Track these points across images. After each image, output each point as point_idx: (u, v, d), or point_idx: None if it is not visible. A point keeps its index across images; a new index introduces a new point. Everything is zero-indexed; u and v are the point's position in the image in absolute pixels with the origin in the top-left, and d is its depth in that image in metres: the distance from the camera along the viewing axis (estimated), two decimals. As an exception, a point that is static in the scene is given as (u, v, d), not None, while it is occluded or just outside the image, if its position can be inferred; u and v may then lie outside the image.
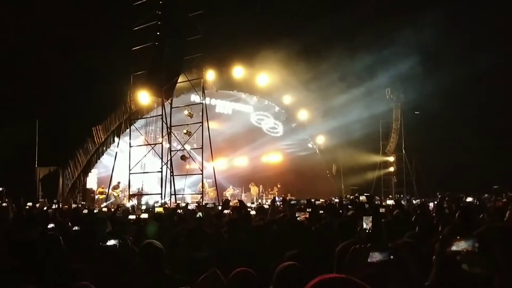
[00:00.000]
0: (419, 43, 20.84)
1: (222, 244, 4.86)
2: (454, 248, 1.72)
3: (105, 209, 13.29)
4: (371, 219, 4.94)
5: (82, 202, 17.29)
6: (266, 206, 11.68)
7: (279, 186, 23.98)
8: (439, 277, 1.92)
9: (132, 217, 9.08)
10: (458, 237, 1.73)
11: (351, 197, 15.07)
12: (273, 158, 26.54)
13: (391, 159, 25.58)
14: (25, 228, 5.23)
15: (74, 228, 5.53)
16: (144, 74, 18.05)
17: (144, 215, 9.06)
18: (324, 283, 1.22)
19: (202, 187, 20.03)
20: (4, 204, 11.36)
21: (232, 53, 21.20)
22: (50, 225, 5.40)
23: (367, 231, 4.38)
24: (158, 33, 17.32)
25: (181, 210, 10.47)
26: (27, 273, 2.97)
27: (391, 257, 1.66)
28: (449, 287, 1.86)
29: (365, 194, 13.65)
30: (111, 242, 3.09)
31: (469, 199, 11.62)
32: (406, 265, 1.79)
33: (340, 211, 8.21)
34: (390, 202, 8.71)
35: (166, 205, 14.48)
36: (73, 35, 17.12)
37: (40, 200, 16.32)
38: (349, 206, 10.68)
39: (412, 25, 19.58)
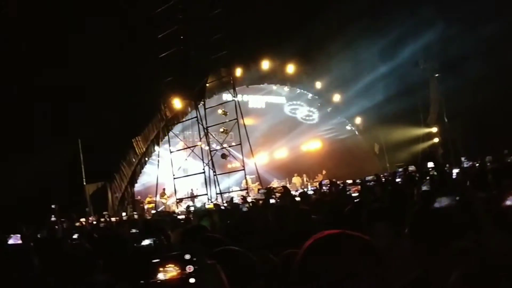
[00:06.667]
0: (446, 7, 20.00)
1: (269, 230, 4.86)
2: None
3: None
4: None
5: (134, 213, 17.71)
6: (310, 192, 11.59)
7: (324, 172, 23.68)
8: None
9: (181, 217, 9.36)
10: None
11: (399, 170, 14.64)
12: (313, 145, 26.31)
13: (434, 130, 24.75)
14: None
15: (132, 231, 5.78)
16: (174, 80, 18.30)
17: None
18: (330, 237, 1.39)
19: (246, 183, 20.10)
20: (53, 219, 11.85)
21: (258, 46, 21.09)
22: (75, 235, 5.68)
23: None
24: (182, 37, 17.51)
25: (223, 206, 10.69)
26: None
27: (457, 198, 1.87)
28: None
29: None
30: (145, 242, 3.12)
31: None
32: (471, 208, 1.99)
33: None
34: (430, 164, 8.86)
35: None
36: (102, 54, 17.50)
37: (92, 216, 16.82)
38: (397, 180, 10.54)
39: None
